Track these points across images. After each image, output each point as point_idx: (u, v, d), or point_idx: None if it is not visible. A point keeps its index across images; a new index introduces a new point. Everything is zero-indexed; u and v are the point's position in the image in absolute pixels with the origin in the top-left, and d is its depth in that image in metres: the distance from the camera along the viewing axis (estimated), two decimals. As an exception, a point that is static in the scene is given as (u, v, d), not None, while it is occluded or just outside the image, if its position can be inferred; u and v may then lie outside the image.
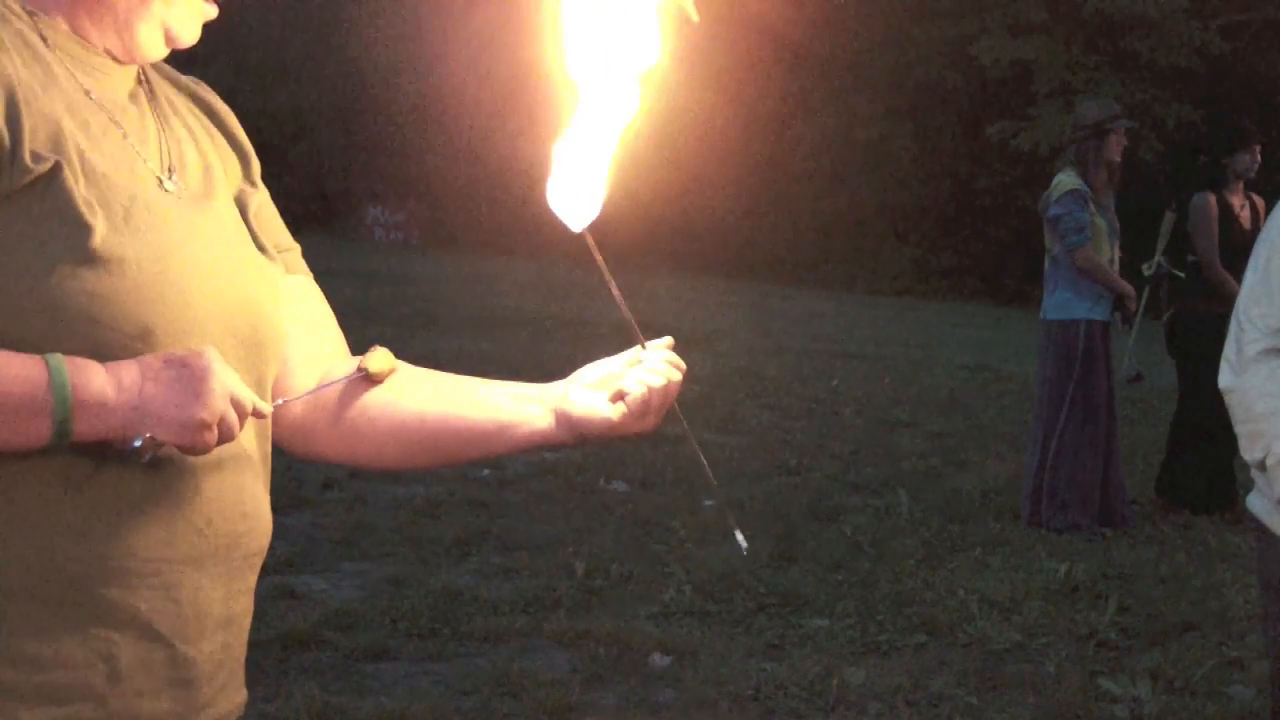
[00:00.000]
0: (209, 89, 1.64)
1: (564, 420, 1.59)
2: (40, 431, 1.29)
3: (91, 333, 1.32)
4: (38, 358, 1.29)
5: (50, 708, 1.34)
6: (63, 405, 1.28)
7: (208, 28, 1.52)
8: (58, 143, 1.36)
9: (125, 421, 1.32)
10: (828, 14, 25.25)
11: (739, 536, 1.61)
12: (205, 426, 1.34)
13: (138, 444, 1.32)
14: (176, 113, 1.56)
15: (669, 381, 1.55)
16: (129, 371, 1.32)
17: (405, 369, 1.64)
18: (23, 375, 1.27)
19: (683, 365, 1.57)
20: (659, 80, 1.48)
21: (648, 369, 1.55)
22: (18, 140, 1.33)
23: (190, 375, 1.34)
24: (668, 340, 1.59)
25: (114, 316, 1.34)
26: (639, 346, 1.57)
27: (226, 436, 1.38)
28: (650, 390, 1.54)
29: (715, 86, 25.79)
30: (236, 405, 1.38)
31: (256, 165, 1.63)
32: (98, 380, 1.31)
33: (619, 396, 1.56)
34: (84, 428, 1.30)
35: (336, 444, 1.63)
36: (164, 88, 1.56)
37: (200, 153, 1.54)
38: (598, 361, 1.61)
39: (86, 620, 1.35)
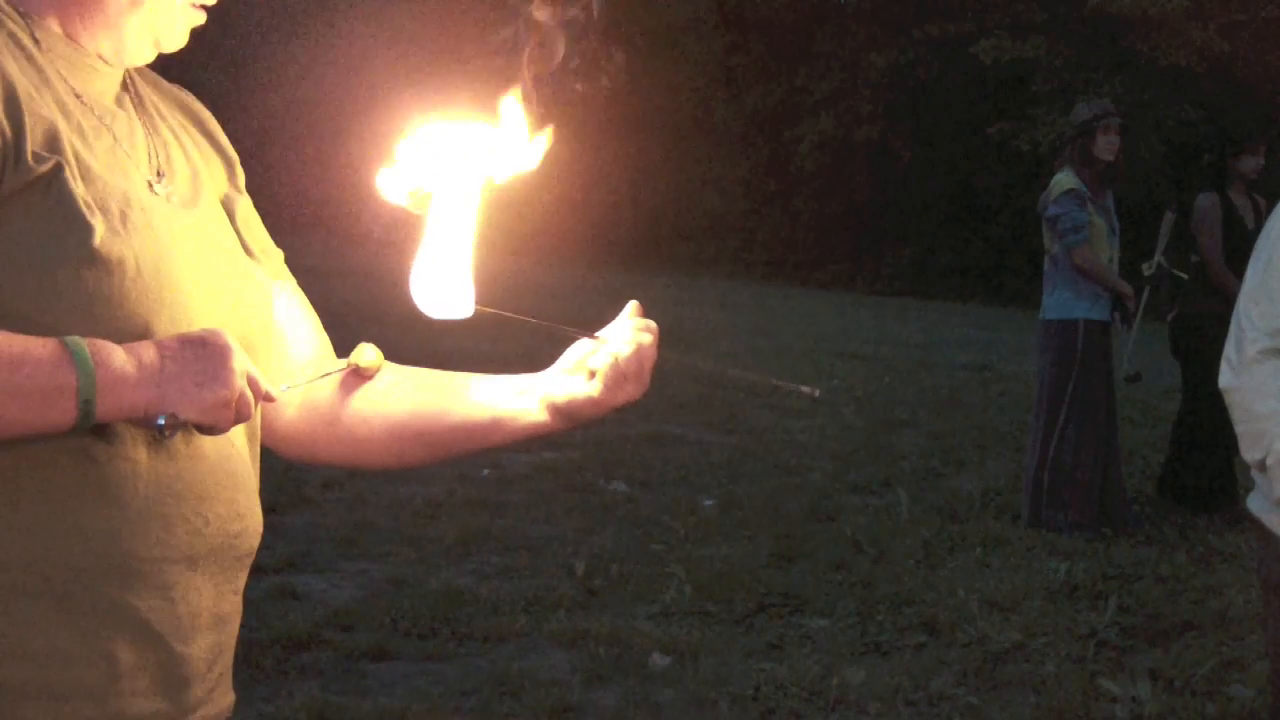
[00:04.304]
0: (193, 96, 1.65)
1: (551, 408, 1.60)
2: (65, 412, 1.28)
3: (93, 332, 1.32)
4: (55, 340, 1.29)
5: (51, 705, 1.34)
6: (87, 384, 1.28)
7: (208, 27, 1.52)
8: (55, 144, 1.37)
9: (148, 399, 1.31)
10: (828, 14, 25.26)
11: (804, 388, 1.61)
12: (226, 404, 1.35)
13: (161, 422, 1.32)
14: (163, 118, 1.57)
15: (639, 346, 1.54)
16: (147, 351, 1.33)
17: (396, 368, 1.66)
18: (45, 356, 1.27)
19: (654, 327, 1.57)
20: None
21: (615, 341, 1.55)
22: (20, 139, 1.34)
23: (210, 354, 1.34)
24: (634, 305, 1.59)
25: (115, 316, 1.35)
26: (594, 338, 1.58)
27: (243, 416, 1.38)
28: (617, 360, 1.54)
29: (715, 87, 25.78)
30: (252, 385, 1.39)
31: (241, 171, 1.65)
32: (118, 358, 1.31)
33: (592, 375, 1.56)
34: (107, 407, 1.30)
35: (333, 447, 1.64)
36: (149, 93, 1.57)
37: (187, 157, 1.56)
38: (571, 347, 1.62)
39: (88, 618, 1.35)
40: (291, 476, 6.52)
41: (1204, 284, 6.99)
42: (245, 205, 1.63)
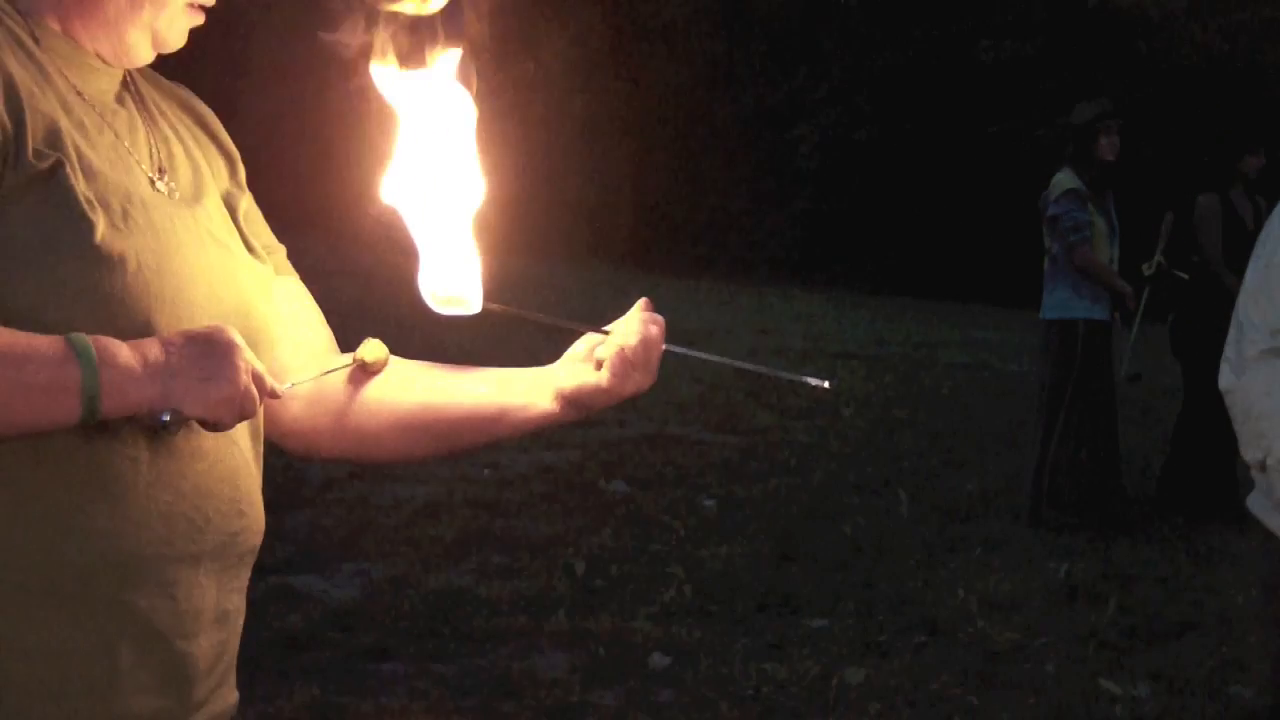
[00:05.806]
0: (193, 94, 1.65)
1: (560, 397, 1.60)
2: (69, 408, 1.28)
3: (95, 329, 1.32)
4: (59, 337, 1.29)
5: (54, 703, 1.34)
6: (91, 380, 1.28)
7: (208, 26, 1.53)
8: (56, 140, 1.37)
9: (153, 396, 1.31)
10: (828, 14, 25.26)
11: (813, 380, 1.62)
12: (231, 401, 1.35)
13: (166, 419, 1.32)
14: (163, 115, 1.57)
15: (646, 336, 1.55)
16: (152, 347, 1.33)
17: (403, 362, 1.66)
18: (49, 353, 1.27)
19: (660, 320, 1.57)
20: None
21: (620, 332, 1.56)
22: (21, 136, 1.34)
23: (215, 350, 1.34)
24: (643, 301, 1.59)
25: (115, 314, 1.35)
26: (602, 332, 1.58)
27: (248, 413, 1.38)
28: (623, 350, 1.54)
29: (715, 87, 25.79)
30: (258, 382, 1.39)
31: (242, 169, 1.65)
32: (123, 354, 1.31)
33: (599, 365, 1.57)
34: (111, 403, 1.30)
35: (341, 441, 1.64)
36: (150, 91, 1.58)
37: (188, 155, 1.56)
38: (579, 340, 1.62)
39: (90, 616, 1.35)
40: (291, 476, 6.51)
41: (1204, 284, 6.99)
42: (247, 202, 1.63)
